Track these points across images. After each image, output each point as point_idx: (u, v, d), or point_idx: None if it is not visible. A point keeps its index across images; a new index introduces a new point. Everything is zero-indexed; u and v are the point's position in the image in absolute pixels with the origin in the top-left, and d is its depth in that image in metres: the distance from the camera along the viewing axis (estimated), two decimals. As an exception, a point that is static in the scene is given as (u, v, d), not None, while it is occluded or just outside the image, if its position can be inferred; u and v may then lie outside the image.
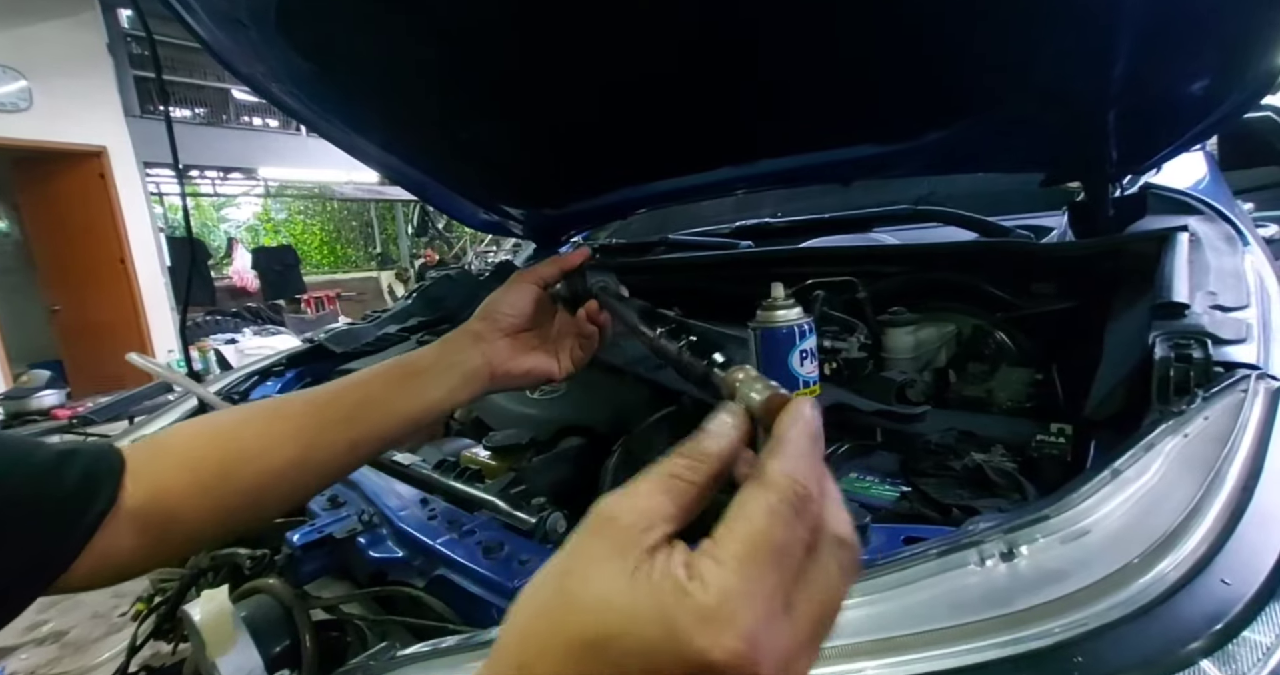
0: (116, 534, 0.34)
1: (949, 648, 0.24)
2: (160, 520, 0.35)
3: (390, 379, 0.43)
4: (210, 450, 0.38)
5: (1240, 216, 0.79)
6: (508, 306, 0.46)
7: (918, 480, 0.50)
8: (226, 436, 0.39)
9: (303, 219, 13.18)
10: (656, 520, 0.19)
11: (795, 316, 0.53)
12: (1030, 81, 0.75)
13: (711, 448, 0.21)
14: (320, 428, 0.40)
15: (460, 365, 0.44)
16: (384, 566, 0.49)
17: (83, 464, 0.34)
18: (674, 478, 0.20)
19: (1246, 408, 0.35)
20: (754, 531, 0.18)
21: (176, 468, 0.37)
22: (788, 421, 0.21)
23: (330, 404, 0.41)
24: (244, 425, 0.39)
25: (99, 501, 0.34)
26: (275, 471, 0.38)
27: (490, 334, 0.45)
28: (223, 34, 0.92)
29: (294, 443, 0.39)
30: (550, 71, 0.94)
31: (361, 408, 0.41)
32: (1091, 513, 0.30)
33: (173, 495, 0.36)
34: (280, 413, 0.40)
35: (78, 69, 4.57)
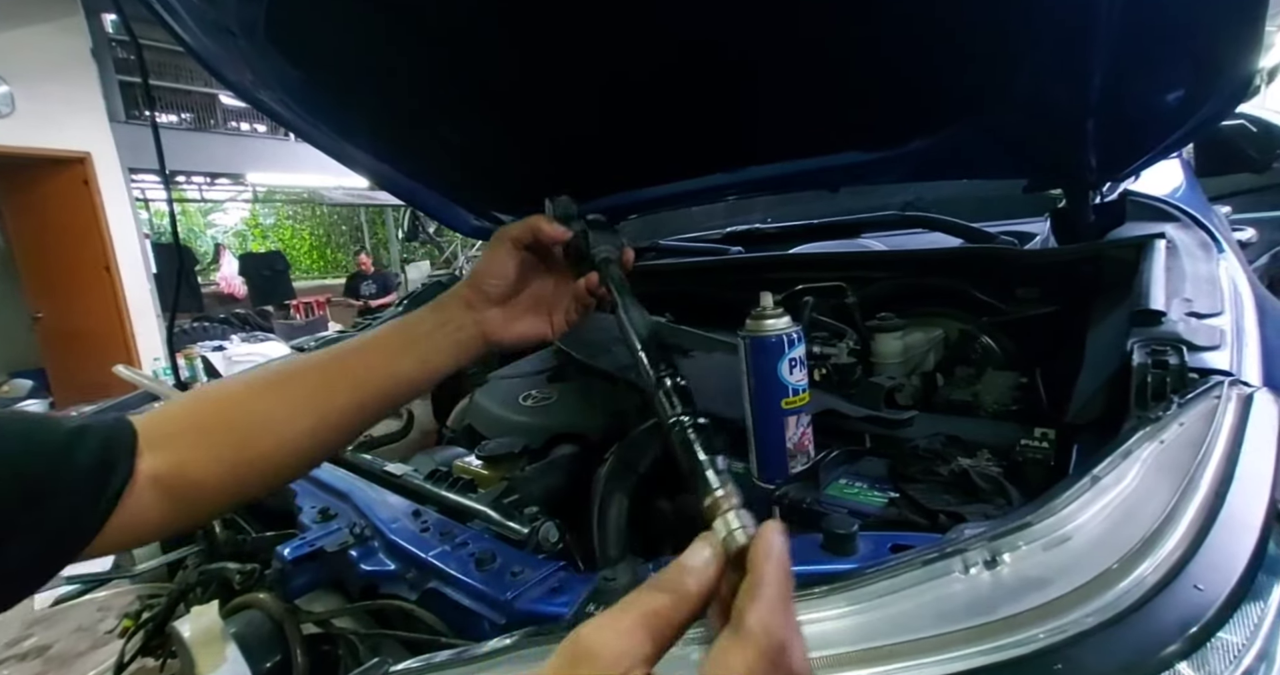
0: (140, 505, 0.35)
1: (934, 656, 0.25)
2: (182, 489, 0.36)
3: (391, 345, 0.43)
4: (225, 419, 0.39)
5: (1215, 223, 0.81)
6: (491, 274, 0.46)
7: (905, 486, 0.51)
8: (240, 406, 0.39)
9: (291, 224, 13.07)
10: (636, 662, 0.19)
11: (784, 325, 0.54)
12: (1011, 91, 0.76)
13: (693, 588, 0.21)
14: (330, 393, 0.40)
15: (455, 333, 0.44)
16: (376, 580, 0.48)
17: (97, 441, 0.34)
18: (655, 615, 0.20)
19: (1219, 414, 0.36)
20: None
21: (194, 438, 0.37)
22: (761, 557, 0.22)
23: (337, 370, 0.41)
24: (257, 394, 0.40)
25: (116, 478, 0.34)
26: (290, 438, 0.39)
27: (479, 302, 0.45)
28: (211, 42, 0.91)
29: (307, 409, 0.40)
30: (540, 77, 0.95)
31: (368, 372, 0.42)
32: (1072, 519, 0.31)
33: (193, 465, 0.37)
34: (291, 380, 0.41)
35: (61, 74, 4.51)
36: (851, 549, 0.36)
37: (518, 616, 0.41)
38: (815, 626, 0.28)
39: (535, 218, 0.47)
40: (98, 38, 4.83)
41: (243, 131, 7.26)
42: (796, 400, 0.54)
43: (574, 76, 0.95)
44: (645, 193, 1.24)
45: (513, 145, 1.18)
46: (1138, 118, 0.75)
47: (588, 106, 1.01)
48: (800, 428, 0.55)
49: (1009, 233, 0.98)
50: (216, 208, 11.77)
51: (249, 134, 7.27)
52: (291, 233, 12.94)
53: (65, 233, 4.79)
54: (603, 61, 0.89)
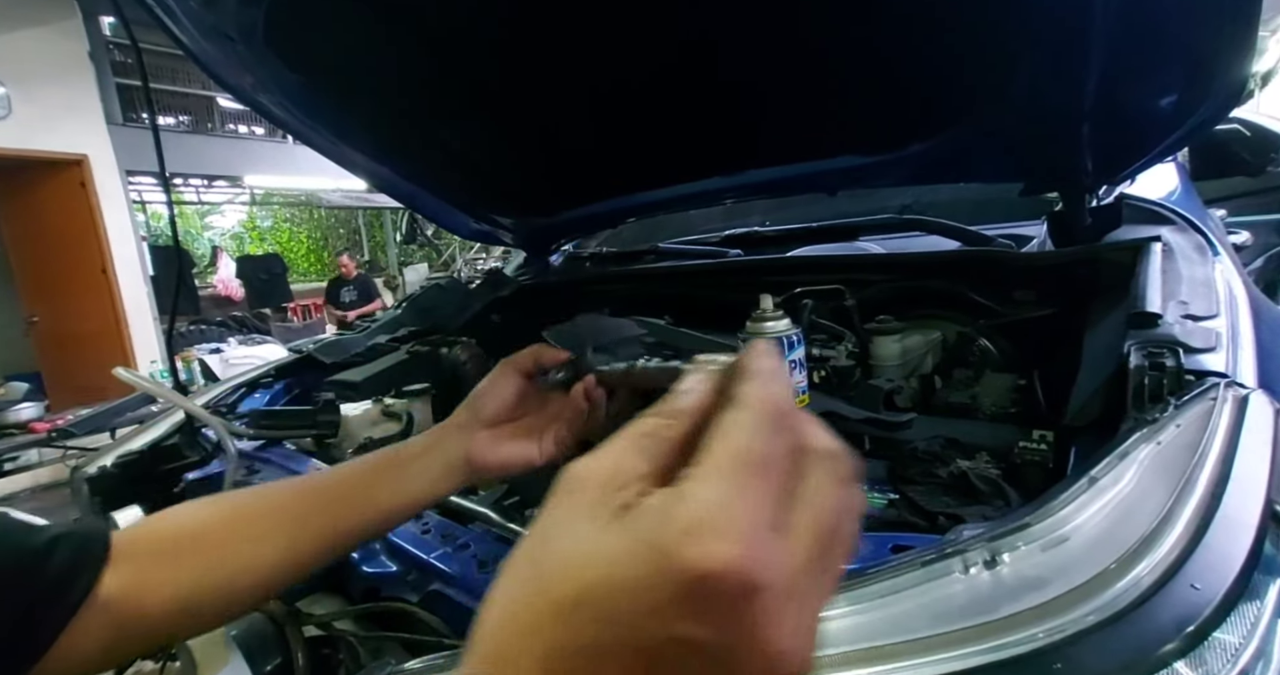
0: (86, 626, 0.33)
1: (934, 656, 0.25)
2: (127, 615, 0.34)
3: (375, 469, 0.42)
4: (191, 547, 0.37)
5: (1210, 226, 0.81)
6: (490, 398, 0.45)
7: (905, 488, 0.51)
8: (209, 532, 0.38)
9: (289, 226, 13.06)
10: (630, 478, 0.18)
11: (784, 327, 0.54)
12: (1007, 95, 0.77)
13: (684, 403, 0.20)
14: (303, 522, 0.39)
15: (443, 456, 0.43)
16: (377, 582, 0.49)
17: (69, 549, 0.33)
18: (645, 436, 0.19)
19: (1215, 416, 0.37)
20: (733, 446, 0.17)
21: (156, 562, 0.36)
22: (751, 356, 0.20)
23: (317, 495, 0.41)
24: (227, 520, 0.39)
25: (76, 591, 0.33)
26: (253, 569, 0.38)
27: (472, 424, 0.44)
28: (210, 46, 0.91)
29: (276, 541, 0.38)
30: (539, 81, 0.95)
31: (345, 499, 0.41)
32: (1070, 520, 0.31)
33: (146, 590, 0.35)
34: (264, 508, 0.39)
35: (58, 77, 4.50)
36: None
37: (520, 618, 0.41)
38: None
39: (536, 346, 0.47)
40: (95, 40, 4.83)
41: (241, 134, 7.26)
42: (796, 402, 0.54)
43: (572, 81, 0.95)
44: (644, 196, 1.25)
45: (512, 149, 1.18)
46: (1133, 122, 0.75)
47: (586, 111, 1.02)
48: (800, 430, 0.55)
49: (1006, 235, 0.98)
50: (214, 210, 11.75)
51: (247, 136, 7.27)
52: (289, 235, 12.92)
53: (62, 235, 4.77)
54: (601, 66, 0.90)
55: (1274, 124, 1.17)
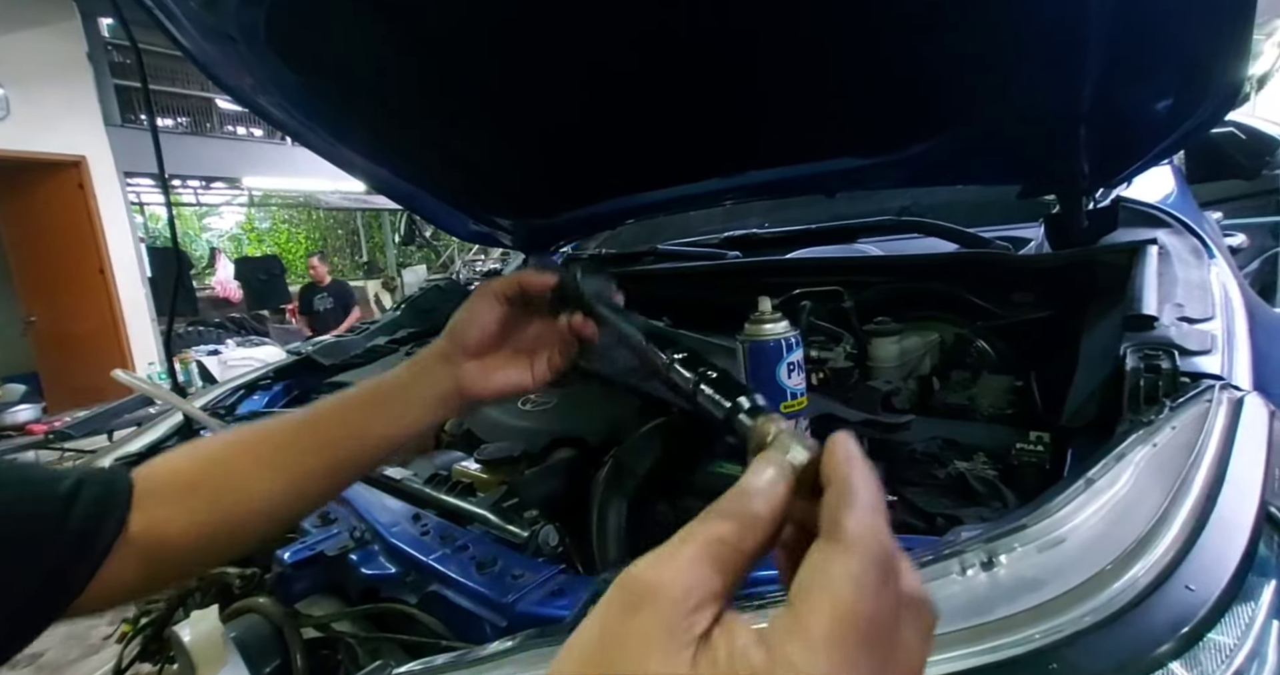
0: (121, 562, 0.35)
1: (933, 656, 0.25)
2: (156, 550, 0.36)
3: (365, 402, 0.42)
4: (202, 480, 0.38)
5: (1206, 229, 0.82)
6: (471, 326, 0.44)
7: (904, 489, 0.51)
8: (217, 466, 0.39)
9: (287, 228, 13.05)
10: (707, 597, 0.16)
11: (782, 329, 0.54)
12: (1005, 97, 0.77)
13: (763, 511, 0.18)
14: (303, 453, 0.40)
15: (432, 387, 0.43)
16: (376, 583, 0.49)
17: (94, 493, 0.35)
18: (721, 543, 0.17)
19: (1211, 418, 0.37)
20: (842, 606, 0.15)
21: (170, 498, 0.37)
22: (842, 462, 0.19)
23: (311, 428, 0.41)
24: (234, 455, 0.40)
25: (108, 531, 0.34)
26: (262, 500, 0.39)
27: (456, 355, 0.44)
28: (210, 47, 0.91)
29: (280, 471, 0.39)
30: (539, 81, 0.96)
31: (340, 430, 0.41)
32: (1067, 521, 0.31)
33: (168, 525, 0.37)
34: (267, 440, 0.40)
35: (57, 78, 4.50)
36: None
37: (519, 619, 0.41)
38: (815, 628, 0.29)
39: (520, 271, 0.46)
40: (94, 41, 4.83)
41: (239, 135, 7.26)
42: (794, 404, 0.54)
43: (572, 82, 0.95)
44: (643, 197, 1.25)
45: (511, 150, 1.18)
46: (1129, 125, 0.76)
47: (585, 111, 1.02)
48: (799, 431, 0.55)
49: (1004, 238, 0.99)
50: (212, 211, 11.74)
51: (245, 138, 7.27)
52: (287, 237, 12.91)
53: (59, 236, 4.77)
54: (600, 67, 0.90)
55: (1269, 127, 1.18)
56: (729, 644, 0.15)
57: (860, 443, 0.60)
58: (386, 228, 10.13)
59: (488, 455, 0.67)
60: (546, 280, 0.46)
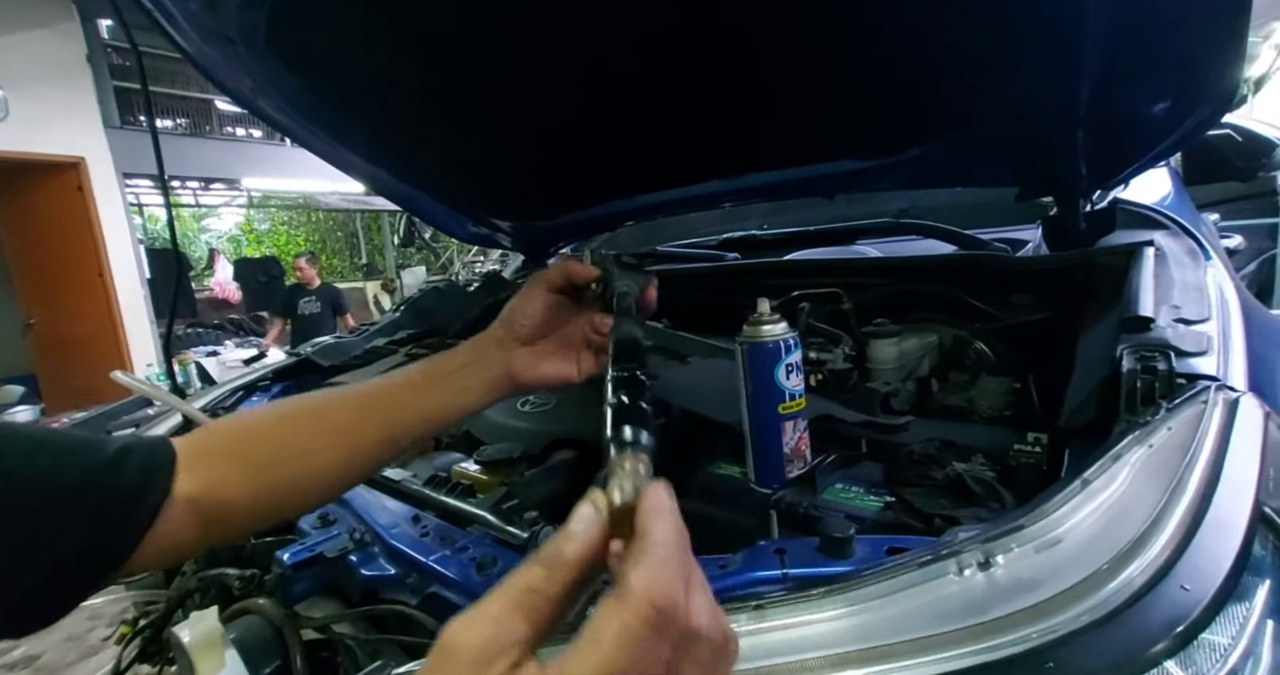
0: (175, 522, 0.36)
1: (930, 656, 0.25)
2: (216, 509, 0.37)
3: (420, 382, 0.44)
4: (258, 445, 0.40)
5: (1203, 230, 0.82)
6: (521, 314, 0.47)
7: (901, 490, 0.51)
8: (273, 434, 0.41)
9: (286, 229, 13.05)
10: (505, 646, 0.18)
11: (781, 331, 0.54)
12: (1003, 100, 0.78)
13: (570, 553, 0.20)
14: (361, 429, 0.42)
15: (484, 371, 0.45)
16: (376, 585, 0.49)
17: (139, 458, 0.36)
18: (529, 592, 0.19)
19: (1206, 419, 0.37)
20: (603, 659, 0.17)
21: (228, 461, 0.39)
22: (647, 515, 0.20)
23: (369, 404, 0.43)
24: (290, 424, 0.41)
25: (154, 494, 0.35)
26: (320, 469, 0.40)
27: (509, 341, 0.46)
28: (210, 50, 0.92)
29: (338, 443, 0.41)
30: (538, 83, 0.96)
31: (397, 408, 0.43)
32: (1063, 522, 0.31)
33: (227, 486, 0.38)
34: (324, 412, 0.42)
35: (56, 79, 4.51)
36: (848, 552, 0.37)
37: (518, 621, 0.41)
38: (813, 627, 0.29)
39: (568, 260, 0.48)
40: (93, 43, 4.83)
41: (238, 137, 7.26)
42: (793, 405, 0.54)
43: (571, 84, 0.96)
44: (642, 199, 1.25)
45: (510, 152, 1.19)
46: (1127, 127, 0.76)
47: (585, 114, 1.02)
48: (797, 432, 0.55)
49: (1002, 240, 0.99)
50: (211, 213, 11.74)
51: (244, 139, 7.27)
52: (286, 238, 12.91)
53: (58, 238, 4.76)
54: (600, 69, 0.91)
55: (1265, 129, 1.19)
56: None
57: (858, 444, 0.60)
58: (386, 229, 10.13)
59: (487, 456, 0.67)
60: (590, 272, 0.47)
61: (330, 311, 4.41)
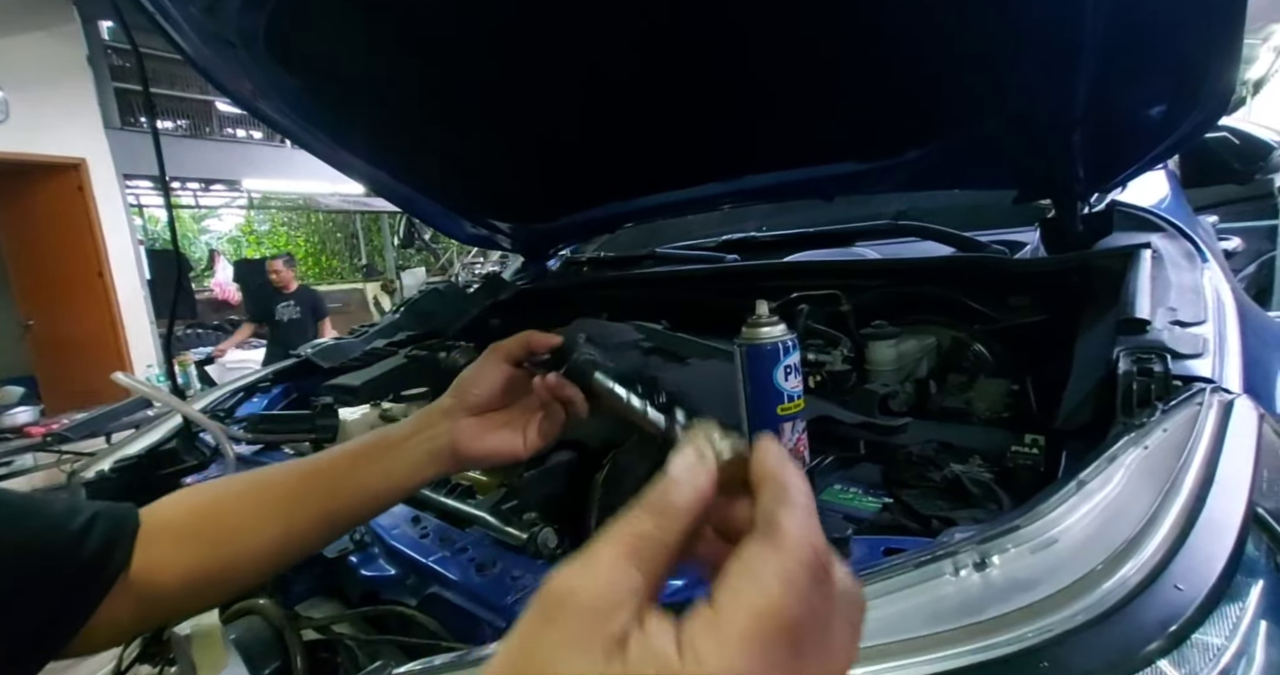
0: (115, 602, 0.35)
1: (926, 655, 0.26)
2: (151, 591, 0.37)
3: (362, 454, 0.43)
4: (202, 525, 0.39)
5: (1200, 233, 0.82)
6: (475, 384, 0.45)
7: (899, 492, 0.52)
8: (217, 513, 0.40)
9: (286, 230, 13.05)
10: (623, 596, 0.16)
11: (779, 333, 0.55)
12: (1000, 103, 0.78)
13: (681, 500, 0.18)
14: (302, 502, 0.41)
15: (428, 442, 0.43)
16: (376, 585, 0.49)
17: (105, 528, 0.35)
18: (641, 538, 0.17)
19: (1201, 420, 0.37)
20: (768, 605, 0.15)
21: (171, 542, 0.38)
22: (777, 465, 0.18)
23: (311, 480, 0.42)
24: (235, 498, 0.41)
25: (113, 565, 0.35)
26: (257, 548, 0.39)
27: (457, 412, 0.44)
28: (210, 52, 0.92)
29: (278, 518, 0.40)
30: (537, 86, 0.96)
31: (336, 483, 0.42)
32: (1059, 523, 0.32)
33: (165, 569, 0.37)
34: (269, 488, 0.41)
35: (57, 81, 4.51)
36: (846, 552, 0.37)
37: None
38: (811, 628, 0.29)
39: (526, 333, 0.46)
40: (94, 45, 4.83)
41: (239, 138, 7.26)
42: (791, 406, 0.54)
43: (570, 86, 0.96)
44: (641, 201, 1.26)
45: (510, 154, 1.19)
46: (1123, 130, 0.77)
47: (584, 116, 1.03)
48: (795, 433, 0.55)
49: (1000, 242, 0.99)
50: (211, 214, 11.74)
51: (245, 140, 7.27)
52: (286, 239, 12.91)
53: (58, 239, 4.76)
54: (599, 71, 0.91)
55: (1262, 132, 1.19)
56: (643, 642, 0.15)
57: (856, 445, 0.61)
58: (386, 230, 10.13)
59: (487, 458, 0.67)
60: (552, 340, 0.46)
61: (311, 316, 4.10)
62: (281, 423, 0.85)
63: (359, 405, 0.95)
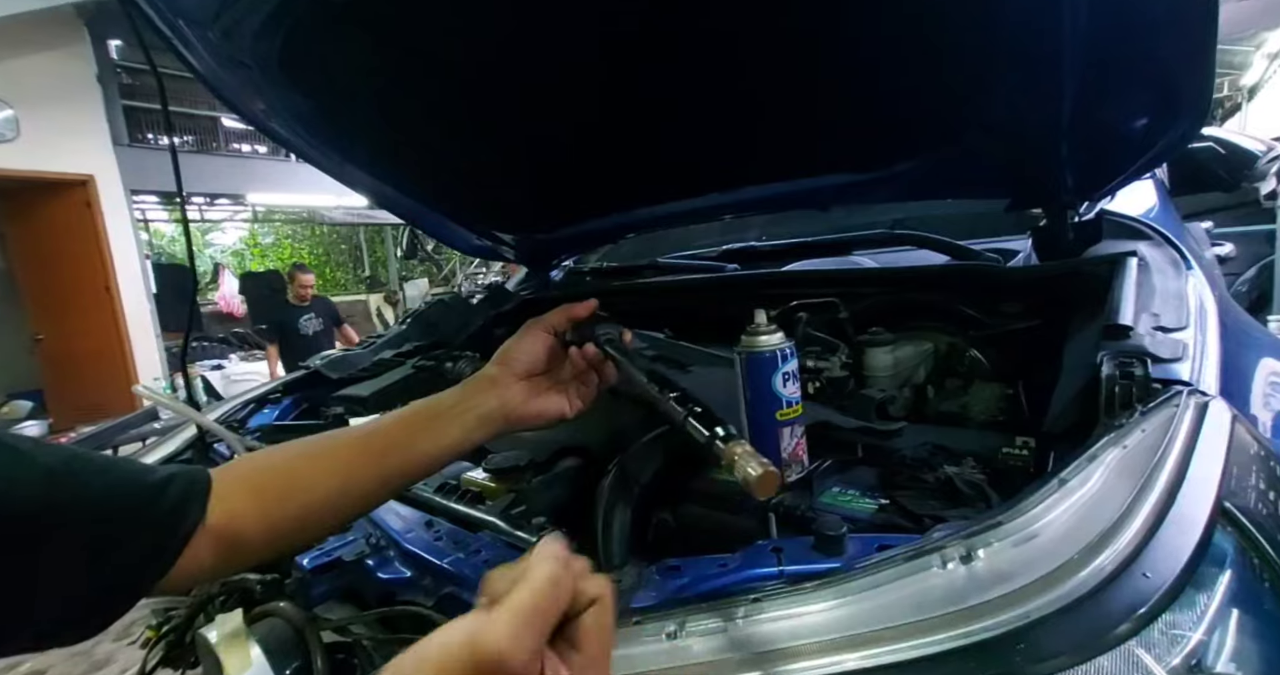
0: (200, 549, 0.39)
1: (911, 641, 0.28)
2: (230, 541, 0.41)
3: (413, 421, 0.47)
4: (272, 480, 0.43)
5: (1187, 240, 0.85)
6: (521, 352, 0.50)
7: (895, 493, 0.53)
8: (285, 469, 0.44)
9: (291, 243, 13.16)
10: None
11: (778, 341, 0.57)
12: (985, 116, 0.81)
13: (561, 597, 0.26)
14: (358, 464, 0.45)
15: (476, 408, 0.47)
16: (392, 587, 0.51)
17: (180, 485, 0.40)
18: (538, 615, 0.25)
19: (1177, 421, 0.39)
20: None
21: (245, 495, 0.42)
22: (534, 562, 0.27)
23: (366, 442, 0.46)
24: (298, 459, 0.45)
25: (191, 519, 0.39)
26: (320, 501, 0.44)
27: (505, 378, 0.49)
28: (225, 74, 0.96)
29: (337, 477, 0.44)
30: (539, 100, 1.00)
31: (390, 446, 0.45)
32: (1040, 518, 0.34)
33: (242, 519, 0.42)
34: (327, 448, 0.46)
35: (66, 99, 4.60)
36: (840, 549, 0.39)
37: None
38: (806, 618, 0.31)
39: (563, 306, 0.52)
40: (103, 64, 4.93)
41: (244, 153, 7.36)
42: (790, 412, 0.56)
43: (572, 100, 0.99)
44: (643, 212, 1.28)
45: (512, 166, 1.22)
46: (1109, 142, 0.79)
47: (586, 129, 1.06)
48: (794, 439, 0.57)
49: (994, 250, 1.01)
50: (215, 228, 11.85)
51: (250, 155, 7.37)
52: (291, 252, 13.01)
53: (67, 254, 4.83)
54: (600, 85, 0.94)
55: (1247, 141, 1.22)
56: None
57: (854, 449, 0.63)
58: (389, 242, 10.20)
59: (495, 464, 0.69)
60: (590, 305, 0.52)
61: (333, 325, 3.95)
62: (294, 433, 0.87)
63: (369, 415, 0.98)
